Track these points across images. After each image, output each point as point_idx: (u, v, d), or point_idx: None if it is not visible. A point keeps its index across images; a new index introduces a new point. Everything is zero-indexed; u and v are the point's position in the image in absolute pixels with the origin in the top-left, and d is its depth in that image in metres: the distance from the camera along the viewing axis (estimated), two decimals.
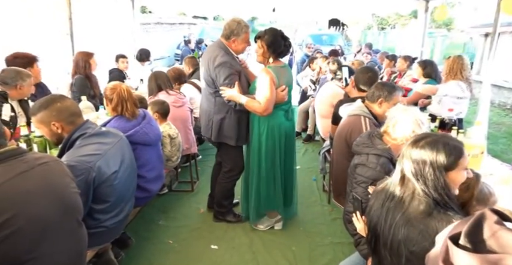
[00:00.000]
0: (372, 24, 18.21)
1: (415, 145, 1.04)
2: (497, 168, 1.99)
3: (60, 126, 1.42)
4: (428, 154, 1.00)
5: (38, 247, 0.99)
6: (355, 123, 1.94)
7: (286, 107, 2.27)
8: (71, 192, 1.12)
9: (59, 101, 1.42)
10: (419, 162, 1.01)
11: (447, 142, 1.01)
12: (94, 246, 1.53)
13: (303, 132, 4.58)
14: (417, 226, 0.98)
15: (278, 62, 2.17)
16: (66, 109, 1.42)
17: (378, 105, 1.94)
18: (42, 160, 1.06)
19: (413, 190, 1.02)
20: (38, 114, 1.40)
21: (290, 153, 2.37)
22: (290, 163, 2.40)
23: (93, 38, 4.17)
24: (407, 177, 1.04)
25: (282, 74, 2.15)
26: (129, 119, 1.88)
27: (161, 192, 2.89)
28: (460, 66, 2.71)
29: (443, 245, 0.64)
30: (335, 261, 2.04)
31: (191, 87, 3.35)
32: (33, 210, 0.97)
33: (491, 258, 0.54)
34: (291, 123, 2.34)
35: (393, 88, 1.91)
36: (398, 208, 1.04)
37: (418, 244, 0.97)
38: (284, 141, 2.27)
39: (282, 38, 2.11)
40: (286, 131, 2.27)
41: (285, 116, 2.26)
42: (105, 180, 1.42)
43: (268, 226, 2.44)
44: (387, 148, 1.53)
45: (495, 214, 0.59)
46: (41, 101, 1.43)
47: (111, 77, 3.97)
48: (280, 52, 2.14)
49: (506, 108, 7.16)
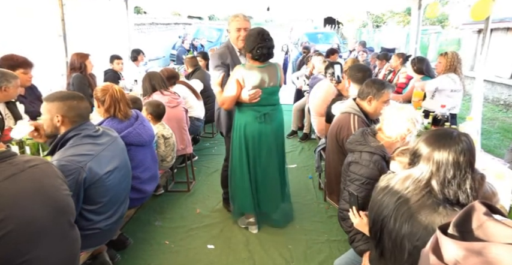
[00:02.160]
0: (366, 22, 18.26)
1: (435, 146, 1.01)
2: (490, 163, 2.01)
3: (62, 121, 1.45)
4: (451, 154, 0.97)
5: (30, 250, 0.98)
6: (344, 120, 1.96)
7: (263, 110, 2.13)
8: (62, 194, 1.11)
9: (77, 100, 1.48)
10: (438, 162, 0.98)
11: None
12: (88, 247, 1.52)
13: (299, 130, 4.59)
14: (422, 221, 0.97)
15: (255, 62, 2.08)
16: (77, 109, 1.47)
17: (367, 102, 1.94)
18: (32, 162, 1.05)
19: (424, 188, 1.01)
20: (51, 102, 1.45)
21: (268, 157, 2.22)
22: (269, 168, 2.24)
23: (87, 39, 4.15)
24: (426, 178, 1.01)
25: (256, 74, 2.06)
26: (122, 119, 1.87)
27: (157, 193, 2.88)
28: (459, 61, 2.77)
29: (434, 235, 0.65)
30: (331, 258, 2.05)
31: (183, 88, 3.33)
32: (23, 213, 0.97)
33: (475, 246, 0.55)
34: (265, 126, 2.16)
35: (382, 85, 1.91)
36: (404, 203, 1.04)
37: (422, 239, 0.97)
38: (253, 143, 2.18)
39: (257, 39, 2.00)
40: (256, 134, 2.16)
41: (257, 117, 2.13)
42: (97, 180, 1.41)
43: (243, 226, 2.44)
44: (380, 146, 1.53)
45: (484, 206, 0.60)
46: (63, 92, 1.50)
47: (105, 77, 3.97)
48: (253, 53, 2.02)
49: (500, 103, 7.22)
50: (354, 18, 18.26)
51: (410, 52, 4.66)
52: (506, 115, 6.49)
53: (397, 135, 1.53)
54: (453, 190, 0.97)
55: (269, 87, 2.12)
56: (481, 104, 3.35)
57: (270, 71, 2.12)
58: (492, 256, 0.52)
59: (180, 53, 8.33)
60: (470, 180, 0.96)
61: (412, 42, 4.75)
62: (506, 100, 7.13)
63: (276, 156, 2.29)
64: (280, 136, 2.31)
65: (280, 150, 2.33)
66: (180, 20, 12.39)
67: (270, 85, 2.13)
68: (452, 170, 0.96)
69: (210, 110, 3.69)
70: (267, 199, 2.34)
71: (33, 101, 2.51)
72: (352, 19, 18.47)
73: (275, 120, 2.22)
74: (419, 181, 1.01)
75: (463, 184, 0.96)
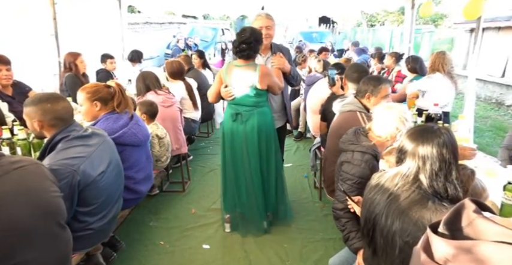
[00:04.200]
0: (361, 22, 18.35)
1: (418, 141, 1.04)
2: (481, 160, 2.03)
3: (41, 125, 1.43)
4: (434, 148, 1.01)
5: (17, 253, 0.96)
6: (352, 119, 1.90)
7: (239, 109, 2.13)
8: (50, 196, 1.09)
9: (51, 102, 1.42)
10: (422, 156, 1.01)
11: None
12: (81, 249, 1.51)
13: (294, 129, 4.59)
14: (412, 217, 0.99)
15: (238, 60, 2.08)
16: (52, 112, 1.41)
17: (366, 100, 1.93)
18: (19, 164, 1.03)
19: (413, 183, 1.03)
20: (26, 108, 1.44)
21: (242, 158, 2.17)
22: (245, 170, 2.19)
23: (80, 38, 4.10)
24: (413, 173, 1.03)
25: (233, 73, 2.08)
26: (120, 114, 1.82)
27: (152, 193, 2.87)
28: (441, 60, 2.77)
29: (425, 234, 0.66)
30: (326, 256, 2.05)
31: (183, 88, 3.29)
32: (8, 216, 0.95)
33: (465, 244, 0.55)
34: (238, 125, 2.14)
35: (378, 81, 1.91)
36: (395, 200, 1.05)
37: (412, 234, 0.98)
38: (227, 141, 2.19)
39: (239, 37, 2.01)
40: (230, 132, 2.17)
41: (233, 116, 2.14)
42: (91, 182, 1.39)
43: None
44: (372, 145, 1.54)
45: (474, 204, 0.61)
46: (37, 96, 1.46)
47: (98, 77, 3.92)
48: (233, 51, 2.06)
49: (492, 102, 7.32)
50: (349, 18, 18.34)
51: (404, 51, 4.70)
52: (498, 113, 6.58)
53: (386, 134, 1.53)
54: (441, 183, 0.99)
55: (251, 87, 2.07)
56: (473, 103, 3.39)
57: (247, 72, 2.06)
58: (481, 254, 0.52)
59: (174, 53, 8.27)
60: (455, 171, 1.00)
61: (406, 41, 4.78)
62: (498, 98, 7.23)
63: (256, 160, 2.17)
64: (256, 139, 2.15)
65: (262, 154, 2.19)
66: (175, 20, 12.32)
67: (246, 85, 2.07)
68: (438, 162, 0.99)
69: (204, 109, 3.67)
70: (243, 201, 2.28)
71: (21, 101, 2.46)
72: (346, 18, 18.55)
73: (249, 121, 2.12)
74: (408, 176, 1.04)
75: (449, 175, 0.99)
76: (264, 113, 2.17)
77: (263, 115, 2.16)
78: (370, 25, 17.52)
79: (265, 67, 2.13)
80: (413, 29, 4.71)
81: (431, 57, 2.86)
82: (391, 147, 1.41)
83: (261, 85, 2.06)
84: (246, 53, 2.03)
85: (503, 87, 7.06)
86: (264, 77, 2.06)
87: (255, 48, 2.05)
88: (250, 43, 2.00)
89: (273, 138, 2.24)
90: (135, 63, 4.67)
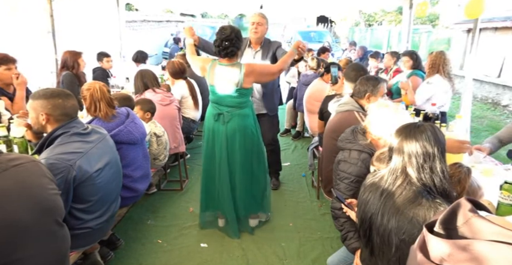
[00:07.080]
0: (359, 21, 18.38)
1: (402, 137, 1.08)
2: (479, 160, 2.04)
3: (48, 119, 1.42)
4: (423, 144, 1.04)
5: (15, 251, 0.96)
6: (351, 118, 1.89)
7: (221, 109, 2.11)
8: (48, 194, 1.09)
9: (63, 98, 1.44)
10: (412, 153, 1.05)
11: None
12: (79, 247, 1.50)
13: (292, 129, 4.60)
14: (407, 215, 1.00)
15: (222, 59, 2.06)
16: (62, 107, 1.43)
17: (366, 100, 1.91)
18: (17, 161, 1.02)
19: (404, 179, 1.05)
20: (36, 100, 1.42)
21: (220, 158, 2.15)
22: (222, 170, 2.17)
23: (77, 36, 4.07)
24: (400, 167, 1.07)
25: (219, 72, 2.06)
26: (104, 120, 1.82)
27: (150, 192, 2.86)
28: (442, 61, 2.77)
29: (422, 233, 0.66)
30: (324, 255, 2.07)
31: (185, 87, 3.25)
32: (5, 213, 0.94)
33: (460, 243, 0.55)
34: (218, 125, 2.12)
35: (376, 81, 1.91)
36: (390, 198, 1.06)
37: (408, 232, 0.99)
38: (208, 140, 2.19)
39: (218, 35, 2.00)
40: (211, 130, 2.16)
41: (215, 116, 2.13)
42: (86, 179, 1.39)
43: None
44: (368, 144, 1.54)
45: (470, 203, 0.61)
46: (48, 90, 1.45)
47: (94, 75, 3.90)
48: (218, 50, 2.03)
49: (488, 102, 7.36)
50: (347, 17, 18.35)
51: (402, 51, 4.71)
52: (494, 113, 6.63)
53: (380, 132, 1.52)
54: (428, 174, 1.03)
55: (227, 88, 2.05)
56: (470, 103, 3.41)
57: (232, 71, 2.03)
58: (477, 253, 0.52)
59: (172, 51, 8.25)
60: (439, 163, 1.03)
61: (404, 41, 4.80)
62: (494, 98, 7.28)
63: (237, 161, 2.16)
64: (237, 141, 2.13)
65: (242, 156, 2.16)
66: (173, 18, 12.26)
67: (229, 85, 2.04)
68: (422, 156, 1.03)
69: (204, 108, 3.66)
70: (221, 200, 2.26)
71: None
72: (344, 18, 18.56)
73: (231, 123, 2.10)
74: (395, 170, 1.08)
75: (434, 167, 1.03)
76: (245, 115, 2.15)
77: (244, 117, 2.14)
78: (368, 25, 17.54)
79: (250, 65, 2.10)
80: (411, 28, 4.72)
81: (431, 57, 2.85)
82: (381, 151, 1.41)
83: (246, 84, 2.05)
84: (230, 50, 2.00)
85: (500, 87, 7.10)
86: (249, 76, 2.04)
87: (238, 45, 2.04)
88: (232, 40, 1.99)
89: (255, 141, 2.22)
90: (139, 63, 4.63)
